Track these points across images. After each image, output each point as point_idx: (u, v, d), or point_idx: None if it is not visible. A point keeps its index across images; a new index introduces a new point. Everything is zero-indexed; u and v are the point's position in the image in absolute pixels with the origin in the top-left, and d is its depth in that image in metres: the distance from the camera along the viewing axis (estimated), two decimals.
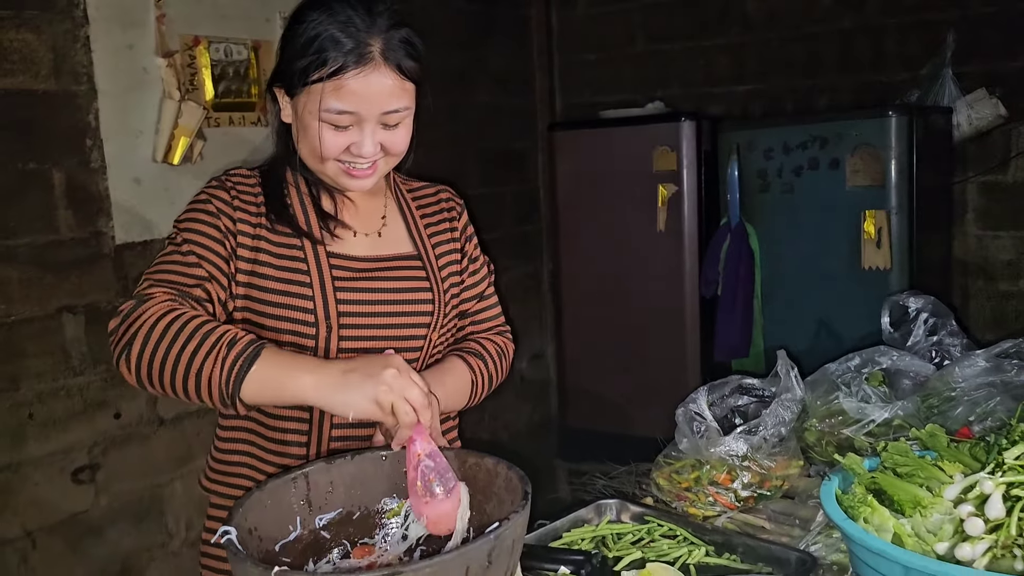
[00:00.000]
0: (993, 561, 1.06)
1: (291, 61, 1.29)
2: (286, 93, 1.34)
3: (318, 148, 1.30)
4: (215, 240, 1.33)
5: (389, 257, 1.45)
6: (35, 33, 2.46)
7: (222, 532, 0.96)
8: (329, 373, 1.13)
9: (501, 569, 0.94)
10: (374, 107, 1.28)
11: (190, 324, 1.18)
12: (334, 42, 1.25)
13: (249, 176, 1.42)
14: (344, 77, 1.25)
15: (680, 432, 1.58)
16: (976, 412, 1.49)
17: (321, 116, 1.27)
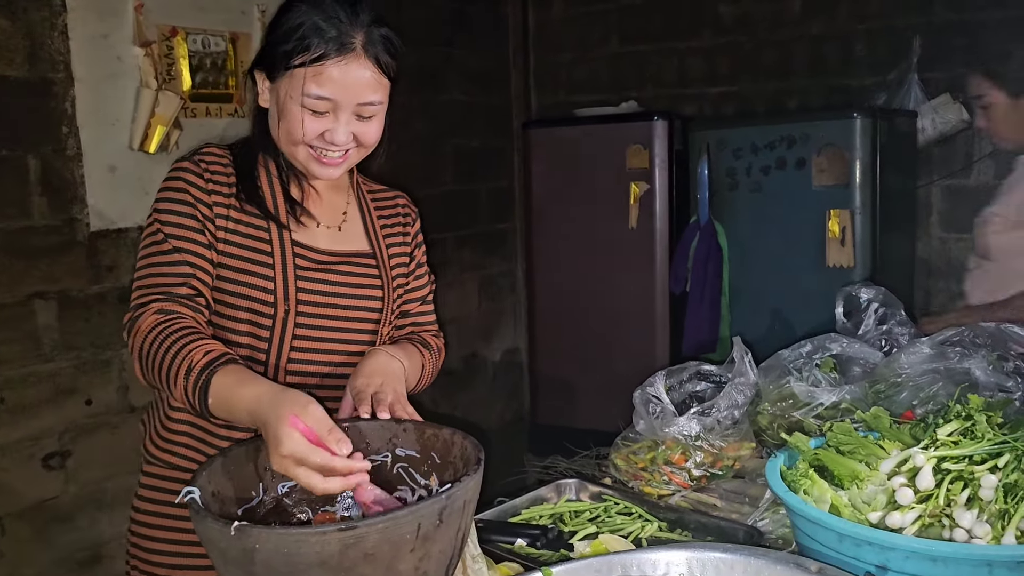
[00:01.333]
0: (922, 529, 1.12)
1: (275, 46, 1.34)
2: (267, 77, 1.38)
3: (295, 131, 1.34)
4: (195, 231, 1.37)
5: (347, 252, 1.50)
6: (10, 20, 2.47)
7: (186, 492, 1.00)
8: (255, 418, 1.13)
9: (452, 528, 0.98)
10: (351, 96, 1.33)
11: (163, 347, 1.25)
12: (318, 30, 1.31)
13: (222, 155, 1.44)
14: (325, 64, 1.30)
15: (637, 414, 1.63)
16: (919, 396, 1.55)
17: (302, 101, 1.32)
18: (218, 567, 0.98)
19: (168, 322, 1.28)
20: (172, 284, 1.34)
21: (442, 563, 1.00)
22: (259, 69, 1.40)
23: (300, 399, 1.10)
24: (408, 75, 3.99)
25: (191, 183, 1.39)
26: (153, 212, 1.40)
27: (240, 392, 1.16)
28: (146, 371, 1.28)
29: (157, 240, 1.37)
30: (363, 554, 0.90)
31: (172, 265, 1.35)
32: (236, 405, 1.16)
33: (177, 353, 1.23)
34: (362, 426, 1.23)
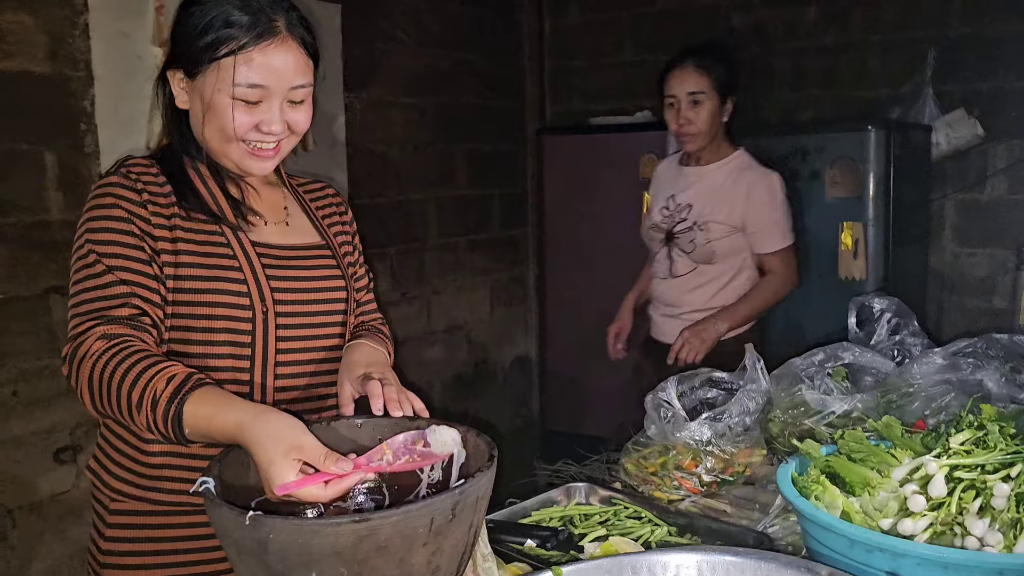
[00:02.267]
0: (934, 537, 1.12)
1: (193, 40, 1.28)
2: (186, 76, 1.32)
3: (228, 126, 1.29)
4: (132, 247, 1.29)
5: (303, 246, 1.47)
6: (33, 16, 2.50)
7: (200, 482, 1.01)
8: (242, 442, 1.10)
9: (465, 523, 0.99)
10: (283, 81, 1.29)
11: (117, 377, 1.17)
12: (241, 17, 1.27)
13: (148, 165, 1.36)
14: (254, 49, 1.26)
15: (648, 418, 1.63)
16: (931, 407, 1.55)
17: (234, 92, 1.27)
18: (231, 557, 0.99)
19: (116, 347, 1.19)
20: (110, 307, 1.25)
21: (454, 558, 1.00)
22: (173, 69, 1.34)
23: (286, 435, 1.06)
24: (424, 79, 4.01)
25: (123, 197, 1.31)
26: (84, 233, 1.30)
27: (217, 423, 1.11)
28: (100, 403, 1.19)
29: (89, 263, 1.28)
30: (376, 546, 0.91)
31: (107, 287, 1.26)
32: (216, 436, 1.12)
33: (135, 383, 1.15)
34: (375, 423, 1.24)
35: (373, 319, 1.62)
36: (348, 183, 3.48)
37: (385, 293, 3.70)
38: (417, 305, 3.89)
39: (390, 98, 3.66)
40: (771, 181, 2.63)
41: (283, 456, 1.04)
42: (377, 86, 3.60)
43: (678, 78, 2.60)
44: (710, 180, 2.66)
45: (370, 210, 3.59)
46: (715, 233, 2.60)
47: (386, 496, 1.23)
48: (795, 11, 3.81)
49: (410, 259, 3.82)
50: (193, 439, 1.15)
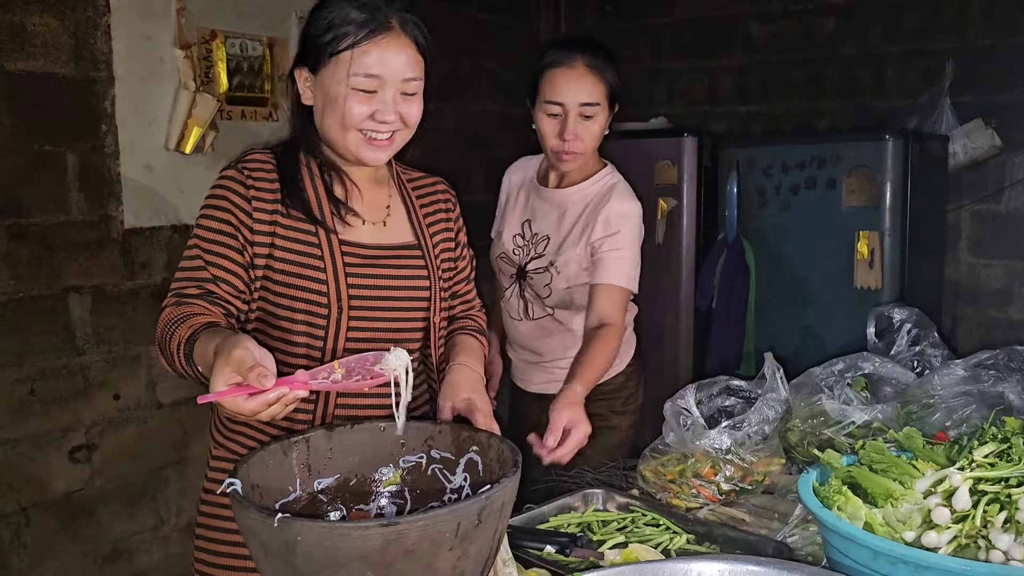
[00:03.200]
0: (958, 550, 1.12)
1: (317, 38, 1.40)
2: (310, 71, 1.43)
3: (346, 115, 1.39)
4: (226, 235, 1.41)
5: (393, 246, 1.53)
6: (58, 19, 2.53)
7: (228, 483, 1.02)
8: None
9: (490, 529, 0.99)
10: (396, 73, 1.39)
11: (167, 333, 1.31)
12: (359, 15, 1.38)
13: (265, 160, 1.47)
14: (370, 43, 1.37)
15: (667, 426, 1.63)
16: (952, 418, 1.55)
17: (350, 82, 1.37)
18: (258, 559, 1.00)
19: (173, 313, 1.33)
20: (188, 287, 1.39)
21: (479, 563, 1.01)
22: (300, 67, 1.44)
23: (226, 347, 1.12)
24: (441, 85, 4.01)
25: (232, 190, 1.43)
26: (198, 219, 1.45)
27: (204, 356, 1.20)
28: (167, 360, 1.33)
29: (189, 246, 1.43)
30: (403, 550, 0.91)
31: (194, 270, 1.40)
32: (208, 366, 1.17)
33: (172, 336, 1.29)
34: (399, 427, 1.24)
35: (471, 307, 1.72)
36: None
37: None
38: None
39: None
40: (629, 211, 2.08)
41: (219, 369, 1.10)
42: None
43: (568, 80, 1.96)
44: (572, 207, 2.08)
45: None
46: (575, 277, 2.05)
47: (408, 501, 1.23)
48: (813, 21, 3.81)
49: None
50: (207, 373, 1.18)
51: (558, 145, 2.00)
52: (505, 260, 2.19)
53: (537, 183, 2.18)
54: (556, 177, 2.14)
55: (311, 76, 1.43)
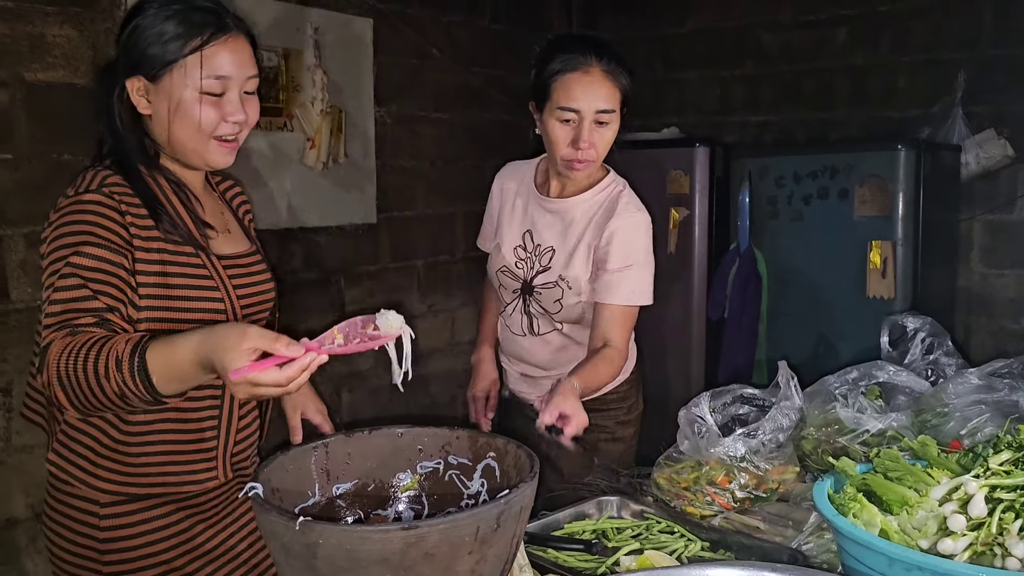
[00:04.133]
0: (974, 557, 1.12)
1: (154, 45, 1.35)
2: (148, 81, 1.37)
3: (201, 122, 1.37)
4: (111, 263, 1.30)
5: (242, 254, 1.55)
6: (77, 30, 2.56)
7: (249, 487, 1.03)
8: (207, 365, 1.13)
9: (509, 533, 1.00)
10: (241, 71, 1.39)
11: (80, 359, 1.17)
12: (196, 17, 1.36)
13: (123, 183, 1.38)
14: (217, 43, 1.36)
15: (682, 433, 1.64)
16: (967, 427, 1.55)
17: (201, 85, 1.35)
18: (278, 561, 1.01)
19: (79, 339, 1.19)
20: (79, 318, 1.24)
21: (497, 567, 1.02)
22: (133, 76, 1.38)
23: (233, 331, 1.10)
24: (455, 94, 4.04)
25: (106, 216, 1.32)
26: (56, 247, 1.30)
27: (178, 356, 1.13)
28: (74, 394, 1.18)
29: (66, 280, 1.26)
30: (423, 553, 0.92)
31: (83, 300, 1.25)
32: (180, 368, 1.14)
33: (98, 355, 1.16)
34: (416, 432, 1.25)
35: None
36: (377, 196, 3.51)
37: (412, 305, 3.73)
38: (443, 317, 3.91)
39: (421, 113, 3.70)
40: (639, 224, 1.99)
41: (234, 348, 1.07)
42: (407, 100, 3.63)
43: (584, 86, 1.85)
44: (578, 218, 1.99)
45: (398, 223, 3.62)
46: (587, 292, 1.96)
47: (425, 506, 1.25)
48: (825, 32, 3.82)
49: (437, 272, 3.85)
50: (164, 388, 1.16)
51: (571, 153, 1.89)
52: (507, 274, 2.07)
53: (537, 191, 2.06)
54: (558, 185, 2.02)
55: (149, 85, 1.37)
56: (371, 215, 3.50)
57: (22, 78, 2.46)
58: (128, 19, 1.40)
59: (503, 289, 2.10)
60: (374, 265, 3.51)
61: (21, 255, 2.50)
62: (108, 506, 1.42)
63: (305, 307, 3.27)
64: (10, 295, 2.49)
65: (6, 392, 2.50)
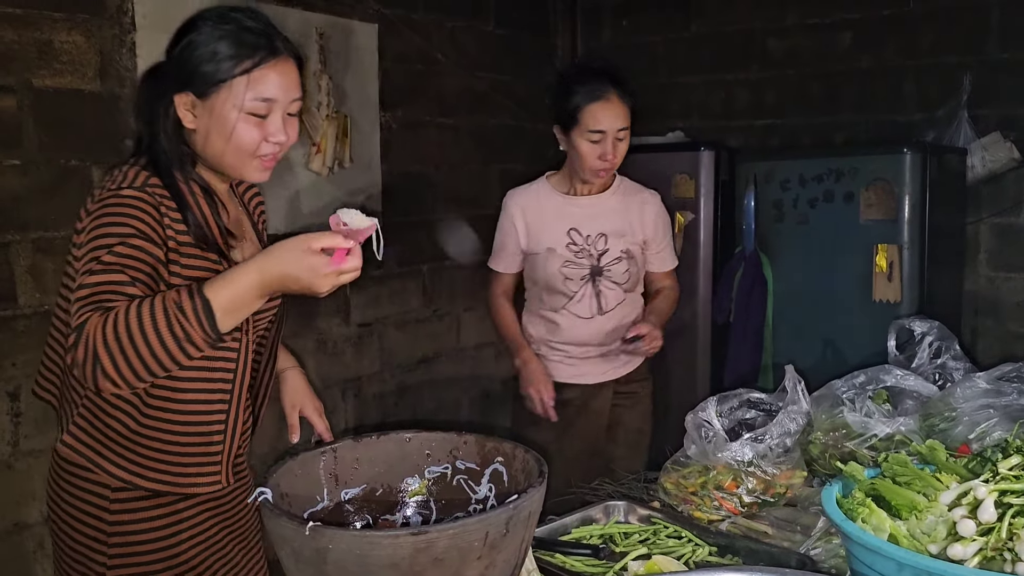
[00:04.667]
0: (984, 562, 1.12)
1: (205, 64, 1.38)
2: (196, 97, 1.40)
3: (243, 142, 1.41)
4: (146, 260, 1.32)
5: None
6: (85, 36, 2.57)
7: (259, 492, 1.03)
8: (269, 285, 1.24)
9: (517, 538, 1.00)
10: (287, 94, 1.43)
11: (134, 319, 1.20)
12: (249, 39, 1.39)
13: (160, 185, 1.41)
14: (265, 66, 1.40)
15: (689, 438, 1.64)
16: (975, 431, 1.54)
17: (246, 106, 1.39)
18: (287, 566, 1.01)
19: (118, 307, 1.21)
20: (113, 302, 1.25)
21: (505, 572, 1.02)
22: (182, 92, 1.41)
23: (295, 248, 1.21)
24: (460, 99, 4.02)
25: (147, 213, 1.36)
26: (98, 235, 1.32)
27: (239, 286, 1.22)
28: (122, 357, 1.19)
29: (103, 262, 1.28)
30: (433, 558, 0.92)
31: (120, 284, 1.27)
32: (242, 298, 1.22)
33: (153, 312, 1.19)
34: (424, 437, 1.26)
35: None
36: (382, 201, 3.52)
37: (417, 310, 3.73)
38: (447, 322, 3.91)
39: (426, 117, 3.71)
40: (659, 200, 2.55)
41: (305, 254, 1.20)
42: (413, 105, 3.64)
43: (607, 111, 2.30)
44: (613, 206, 2.46)
45: (404, 228, 3.63)
46: (638, 258, 2.46)
47: (433, 511, 1.25)
48: (830, 36, 3.82)
49: (442, 276, 3.85)
50: (223, 324, 1.22)
51: (599, 164, 2.34)
52: (571, 266, 2.43)
53: (566, 197, 2.48)
54: (586, 188, 2.47)
55: (196, 101, 1.41)
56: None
57: (30, 84, 2.48)
58: (182, 33, 1.43)
59: (568, 282, 2.43)
60: (379, 270, 3.52)
61: (29, 260, 2.51)
62: (119, 491, 1.45)
63: (311, 312, 3.27)
64: (18, 300, 2.50)
65: (14, 397, 2.51)
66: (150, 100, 1.45)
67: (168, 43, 1.46)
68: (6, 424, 2.50)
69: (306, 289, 1.23)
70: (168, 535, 1.47)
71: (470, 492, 1.23)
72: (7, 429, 2.50)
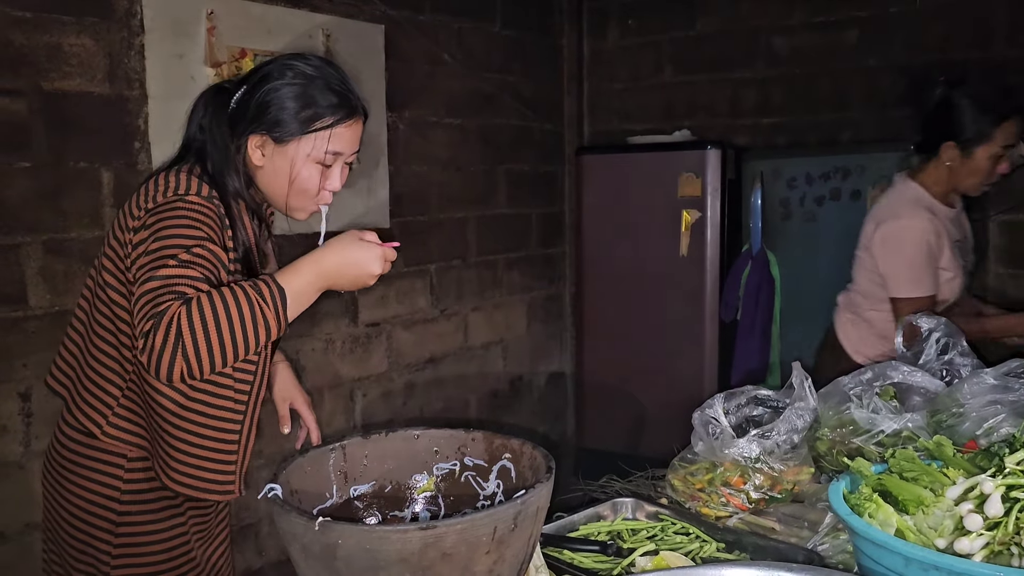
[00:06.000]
0: (990, 556, 1.12)
1: (290, 112, 1.48)
2: (273, 141, 1.49)
3: (307, 189, 1.51)
4: (220, 259, 1.40)
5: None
6: (94, 39, 2.59)
7: (268, 488, 1.04)
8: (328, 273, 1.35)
9: (525, 533, 1.01)
10: (352, 148, 1.55)
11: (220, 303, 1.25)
12: (334, 99, 1.49)
13: (220, 205, 1.47)
14: (343, 125, 1.50)
15: (696, 435, 1.64)
16: (983, 427, 1.54)
17: (323, 158, 1.50)
18: (298, 562, 1.02)
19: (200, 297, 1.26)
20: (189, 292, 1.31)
21: (514, 567, 1.02)
22: (258, 133, 1.49)
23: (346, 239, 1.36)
24: (466, 100, 4.05)
25: (214, 222, 1.43)
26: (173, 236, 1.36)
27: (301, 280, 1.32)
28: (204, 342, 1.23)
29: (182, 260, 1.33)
30: (442, 553, 0.93)
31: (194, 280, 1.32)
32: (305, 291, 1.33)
33: (236, 299, 1.26)
34: (432, 434, 1.27)
35: None
36: (390, 201, 3.53)
37: (424, 309, 3.74)
38: (455, 321, 3.92)
39: (432, 118, 3.72)
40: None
41: (358, 246, 1.35)
42: (419, 106, 3.65)
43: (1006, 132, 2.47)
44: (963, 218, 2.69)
45: (411, 228, 3.64)
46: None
47: (442, 508, 1.26)
48: (836, 34, 3.82)
49: (449, 276, 3.86)
50: (292, 313, 1.32)
51: (993, 179, 2.54)
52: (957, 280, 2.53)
53: (947, 207, 2.58)
54: (951, 200, 2.60)
55: (272, 144, 1.49)
56: (384, 220, 3.51)
57: (39, 87, 2.49)
58: (266, 76, 1.50)
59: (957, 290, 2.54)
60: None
61: (40, 262, 2.53)
62: (130, 483, 1.52)
63: (318, 312, 3.29)
64: (29, 301, 2.51)
65: (25, 397, 2.53)
66: (212, 126, 1.51)
67: (244, 76, 1.54)
68: (17, 424, 2.52)
69: (363, 270, 1.35)
70: (168, 527, 1.55)
71: (478, 488, 1.24)
72: (19, 429, 2.52)
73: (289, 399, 1.89)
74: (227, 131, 1.50)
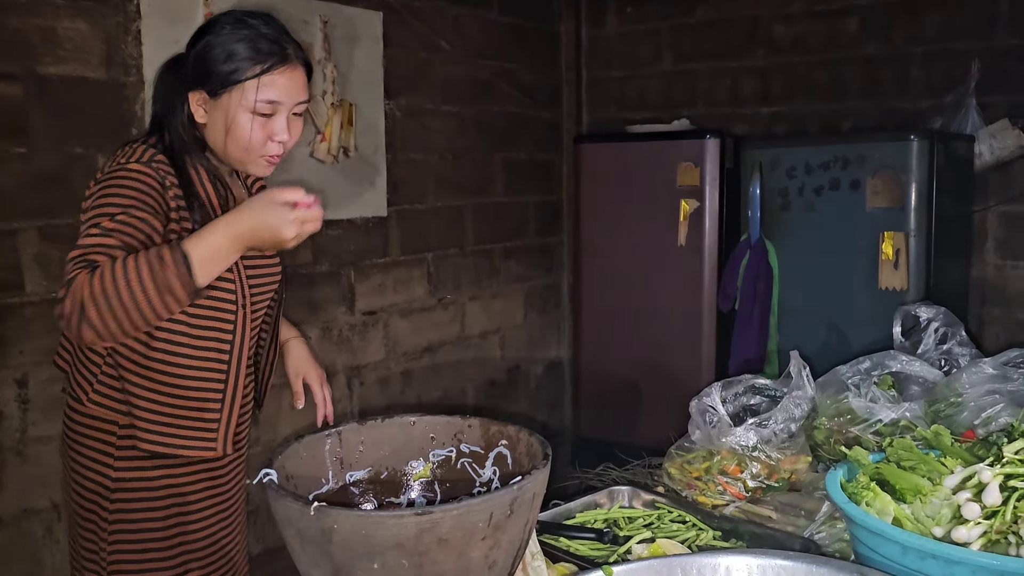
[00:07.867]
0: (988, 545, 1.12)
1: (219, 66, 1.48)
2: (208, 95, 1.50)
3: (250, 142, 1.51)
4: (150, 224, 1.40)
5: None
6: (89, 24, 2.57)
7: (264, 474, 1.04)
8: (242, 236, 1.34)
9: (522, 520, 1.01)
10: (292, 98, 1.52)
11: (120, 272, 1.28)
12: (262, 46, 1.49)
13: (167, 163, 1.50)
14: (274, 72, 1.49)
15: (693, 423, 1.64)
16: (981, 417, 1.54)
17: (255, 107, 1.49)
18: (293, 547, 1.01)
19: (104, 264, 1.29)
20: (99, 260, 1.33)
21: (510, 553, 1.02)
22: (196, 90, 1.51)
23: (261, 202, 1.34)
24: (464, 88, 4.03)
25: (150, 187, 1.44)
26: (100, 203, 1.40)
27: (213, 240, 1.32)
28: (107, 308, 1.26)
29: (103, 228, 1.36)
30: (437, 539, 0.93)
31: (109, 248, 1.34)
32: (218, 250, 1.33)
33: (137, 264, 1.28)
34: (428, 421, 1.26)
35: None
36: (387, 189, 3.52)
37: (421, 298, 3.74)
38: (452, 311, 3.92)
39: (430, 106, 3.70)
40: None
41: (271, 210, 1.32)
42: (417, 94, 3.63)
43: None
44: None
45: (408, 216, 3.63)
46: None
47: (438, 494, 1.25)
48: (836, 22, 3.80)
49: (447, 265, 3.85)
50: (201, 276, 1.32)
51: None
52: None
53: None
54: None
55: (208, 99, 1.50)
56: (381, 208, 3.50)
57: (34, 72, 2.47)
58: (201, 32, 1.53)
59: None
60: (384, 258, 3.52)
61: (35, 248, 2.51)
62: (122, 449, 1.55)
63: (316, 300, 3.28)
64: (25, 288, 2.50)
65: (22, 384, 2.52)
66: (166, 91, 1.56)
67: (189, 39, 1.55)
68: (14, 411, 2.51)
69: (275, 235, 1.32)
70: (165, 495, 1.56)
71: (474, 475, 1.23)
72: (15, 416, 2.51)
73: (303, 374, 1.88)
74: (177, 96, 1.54)
